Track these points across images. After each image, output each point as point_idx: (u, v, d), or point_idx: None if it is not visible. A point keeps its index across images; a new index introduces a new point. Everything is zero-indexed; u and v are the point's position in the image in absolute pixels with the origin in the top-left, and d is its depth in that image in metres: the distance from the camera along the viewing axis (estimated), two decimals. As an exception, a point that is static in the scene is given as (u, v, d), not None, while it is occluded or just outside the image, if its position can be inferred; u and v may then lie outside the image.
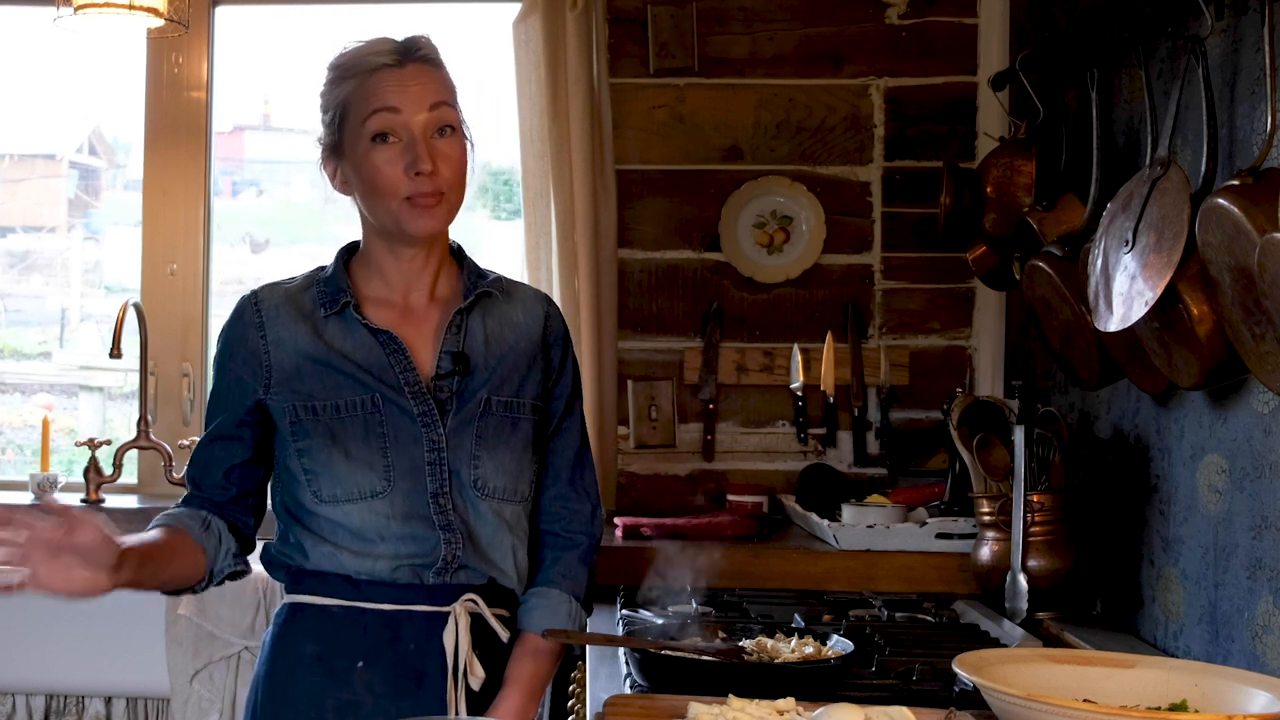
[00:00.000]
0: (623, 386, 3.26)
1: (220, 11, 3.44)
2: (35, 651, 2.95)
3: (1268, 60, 1.73)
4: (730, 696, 1.66)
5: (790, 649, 1.93)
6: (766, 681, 1.78)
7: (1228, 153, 1.97)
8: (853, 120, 3.27)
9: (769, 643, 1.96)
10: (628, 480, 3.27)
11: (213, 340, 2.14)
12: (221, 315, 2.01)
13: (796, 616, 2.33)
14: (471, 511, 1.92)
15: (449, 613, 1.90)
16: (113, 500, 3.34)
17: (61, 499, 3.29)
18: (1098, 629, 2.33)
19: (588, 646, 2.18)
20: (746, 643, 1.96)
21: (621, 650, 2.04)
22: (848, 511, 2.81)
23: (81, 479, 3.35)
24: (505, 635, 1.93)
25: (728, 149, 3.29)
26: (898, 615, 2.43)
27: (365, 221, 1.97)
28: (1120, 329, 1.99)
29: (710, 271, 3.29)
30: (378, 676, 1.89)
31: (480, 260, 2.05)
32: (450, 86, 1.93)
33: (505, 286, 2.03)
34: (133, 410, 3.54)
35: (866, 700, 1.71)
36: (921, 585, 2.69)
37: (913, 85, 3.26)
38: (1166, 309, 1.90)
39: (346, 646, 1.90)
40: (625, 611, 2.29)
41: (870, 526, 2.75)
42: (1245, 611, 1.93)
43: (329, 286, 1.96)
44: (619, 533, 2.88)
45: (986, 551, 2.53)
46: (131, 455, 3.41)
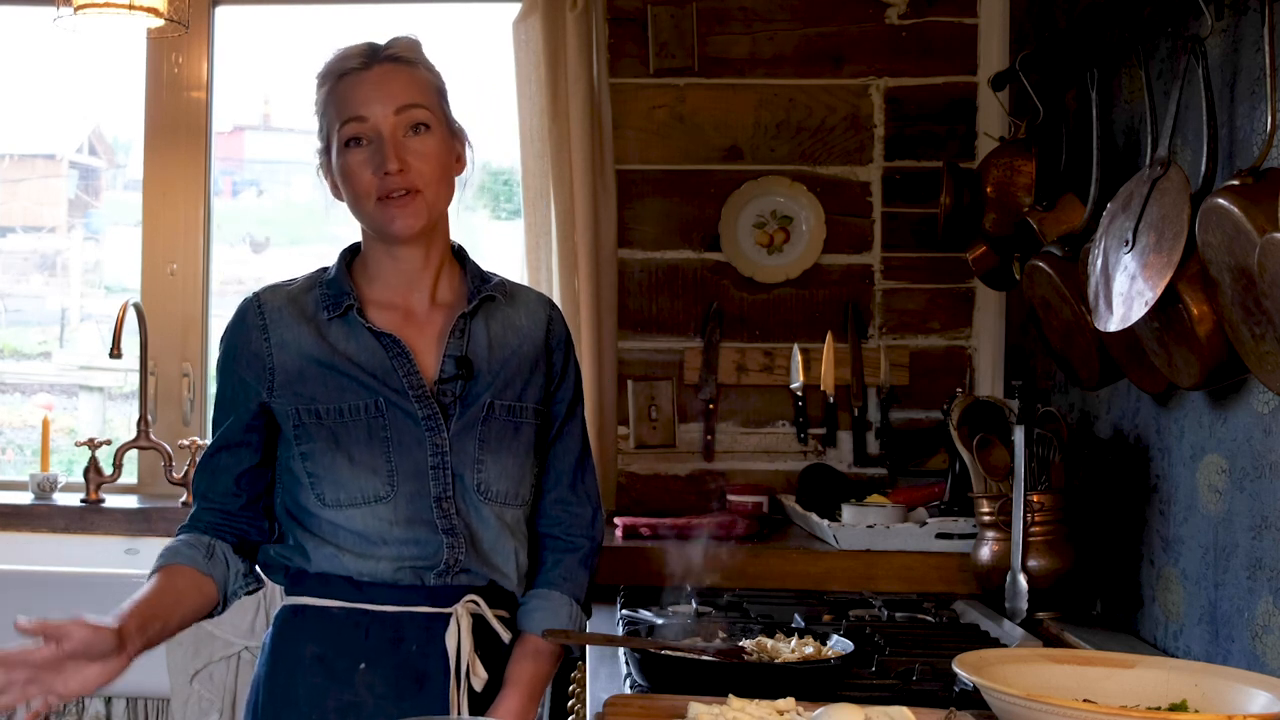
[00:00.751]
0: (623, 386, 3.26)
1: (220, 11, 3.44)
2: (35, 651, 2.94)
3: (1268, 60, 1.73)
4: (730, 696, 1.66)
5: (790, 649, 1.93)
6: (766, 681, 1.78)
7: (1228, 153, 1.97)
8: (853, 120, 3.27)
9: (769, 643, 1.96)
10: (628, 480, 3.27)
11: (213, 340, 2.14)
12: (221, 315, 2.01)
13: (796, 616, 2.33)
14: (474, 515, 1.92)
15: (451, 614, 1.90)
16: (113, 500, 3.34)
17: (61, 499, 3.32)
18: (1098, 629, 2.33)
19: (588, 646, 2.18)
20: (746, 643, 1.96)
21: (621, 650, 2.04)
22: (848, 511, 2.81)
23: (81, 479, 3.35)
24: (507, 636, 1.93)
25: (728, 149, 3.29)
26: (898, 615, 2.43)
27: (362, 227, 1.98)
28: (1120, 329, 1.99)
29: (710, 271, 3.29)
30: (379, 678, 1.89)
31: (480, 260, 2.05)
32: (425, 84, 1.93)
33: (509, 290, 2.03)
34: (133, 410, 3.54)
35: (866, 700, 1.71)
36: (921, 585, 2.69)
37: (913, 85, 3.26)
38: (1166, 309, 1.90)
39: (348, 648, 1.90)
40: (625, 611, 2.29)
41: (870, 526, 2.75)
42: (1245, 611, 1.93)
43: (332, 289, 1.95)
44: (619, 533, 2.88)
45: (986, 551, 2.53)
46: (131, 455, 3.41)
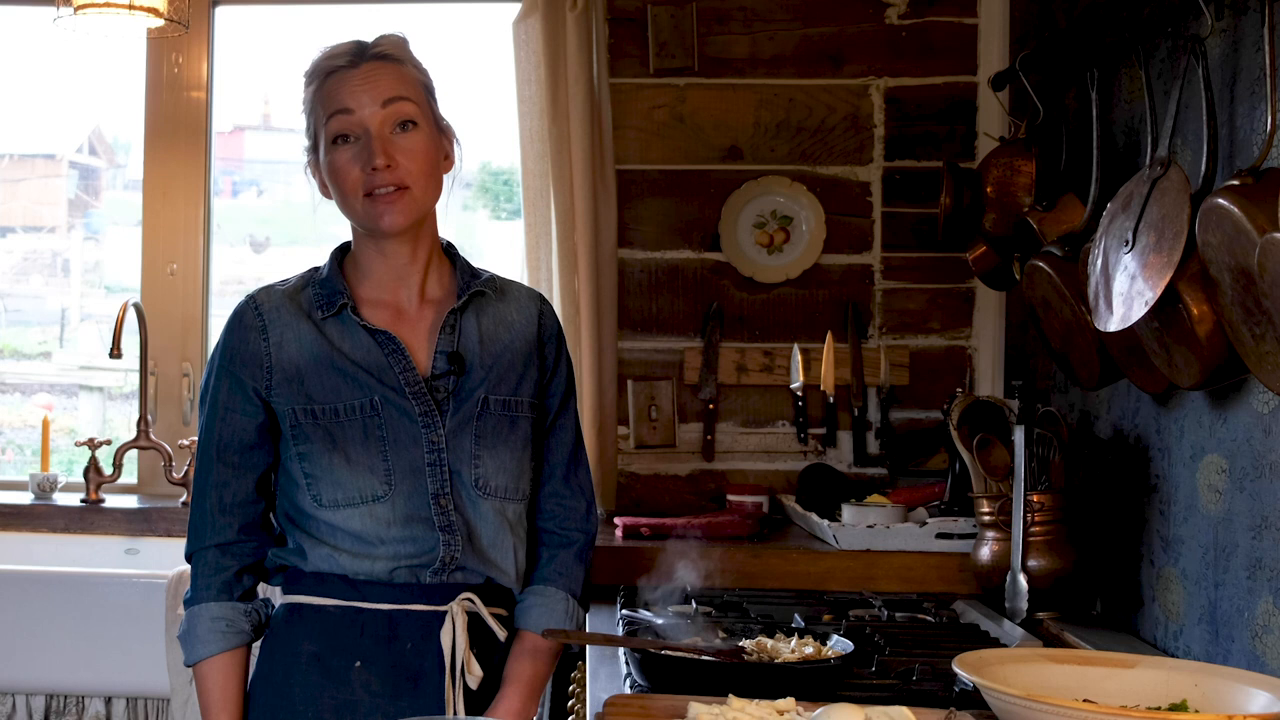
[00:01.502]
0: (623, 386, 3.26)
1: (220, 11, 3.44)
2: (35, 651, 2.94)
3: (1268, 60, 1.73)
4: (730, 696, 1.66)
5: (790, 649, 1.93)
6: (766, 681, 1.78)
7: (1228, 153, 1.97)
8: (853, 120, 3.27)
9: (769, 643, 1.96)
10: (628, 480, 3.27)
11: (213, 340, 2.13)
12: (222, 315, 2.00)
13: (796, 616, 2.33)
14: (473, 511, 1.92)
15: (446, 612, 1.90)
16: (113, 500, 3.34)
17: (61, 499, 3.32)
18: (1098, 629, 2.33)
19: (588, 646, 2.18)
20: (746, 643, 1.96)
21: (621, 650, 2.04)
22: (848, 511, 2.81)
23: (81, 479, 3.36)
24: (503, 635, 1.93)
25: (728, 149, 3.29)
26: (898, 615, 2.43)
27: (352, 225, 1.98)
28: (1120, 329, 1.99)
29: (710, 271, 3.29)
30: (375, 676, 1.89)
31: (480, 260, 2.05)
32: (412, 81, 1.93)
33: (499, 285, 2.03)
34: (133, 410, 3.54)
35: (866, 700, 1.71)
36: (921, 585, 2.69)
37: (913, 85, 3.26)
38: (1166, 309, 1.90)
39: (344, 646, 1.90)
40: (625, 611, 2.29)
41: (870, 526, 2.75)
42: (1245, 611, 1.93)
43: (325, 288, 1.95)
44: (619, 533, 2.88)
45: (986, 551, 2.53)
46: (131, 455, 3.41)
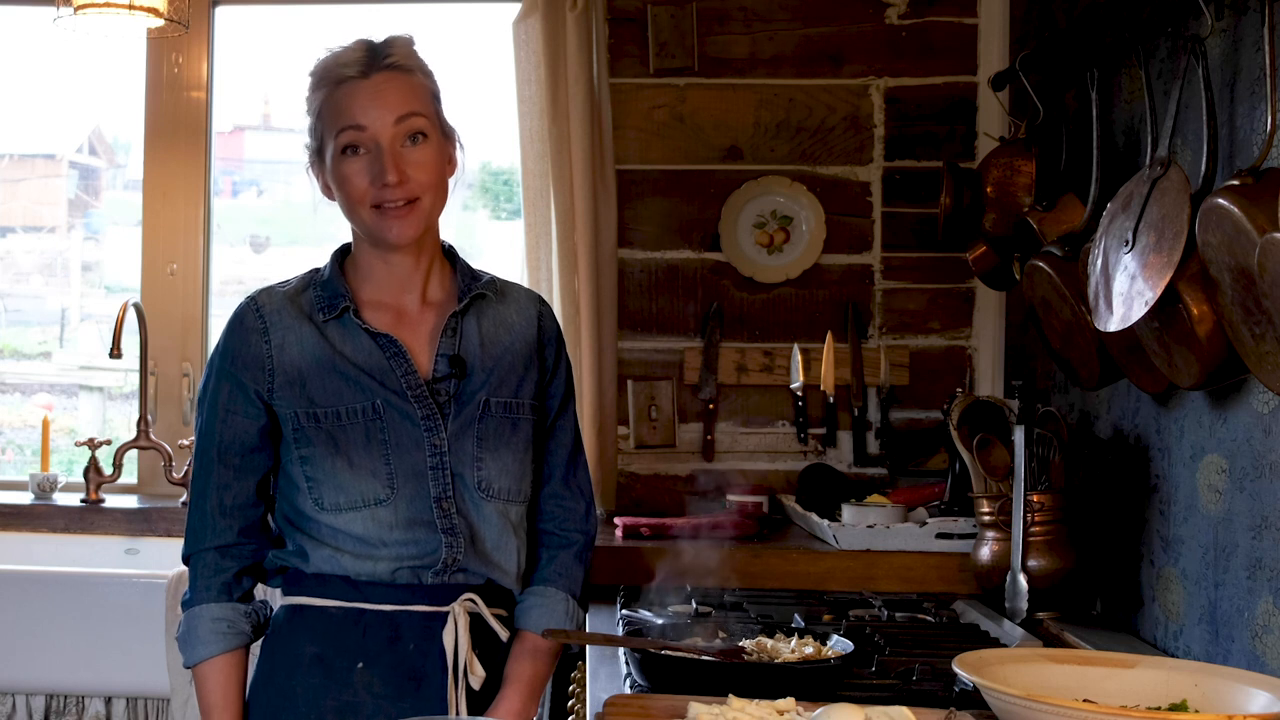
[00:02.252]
0: (623, 386, 3.26)
1: (220, 11, 3.44)
2: (35, 651, 2.94)
3: (1268, 60, 1.73)
4: (730, 696, 1.66)
5: (790, 649, 1.93)
6: (766, 681, 1.78)
7: (1228, 153, 1.97)
8: (853, 120, 3.27)
9: (769, 643, 1.96)
10: (628, 480, 3.27)
11: (213, 340, 2.13)
12: (222, 315, 2.00)
13: (796, 616, 2.33)
14: (476, 514, 1.92)
15: (448, 612, 1.90)
16: (113, 500, 3.34)
17: (61, 499, 3.32)
18: (1098, 629, 2.33)
19: (588, 646, 2.18)
20: (746, 643, 1.96)
21: (621, 650, 2.04)
22: (848, 511, 2.81)
23: (81, 479, 3.35)
24: (505, 635, 1.93)
25: (728, 149, 3.29)
26: (898, 615, 2.43)
27: (353, 228, 1.98)
28: (1120, 329, 1.99)
29: (710, 271, 3.29)
30: (377, 677, 1.89)
31: (480, 260, 2.05)
32: (423, 91, 1.92)
33: (499, 287, 2.03)
34: (133, 410, 3.54)
35: (866, 700, 1.71)
36: (921, 585, 2.69)
37: (913, 85, 3.26)
38: (1166, 309, 1.90)
39: (346, 647, 1.90)
40: (625, 611, 2.29)
41: (870, 526, 2.75)
42: (1245, 611, 1.93)
43: (326, 290, 1.95)
44: (619, 533, 2.88)
45: (986, 551, 2.53)
46: (131, 455, 3.41)
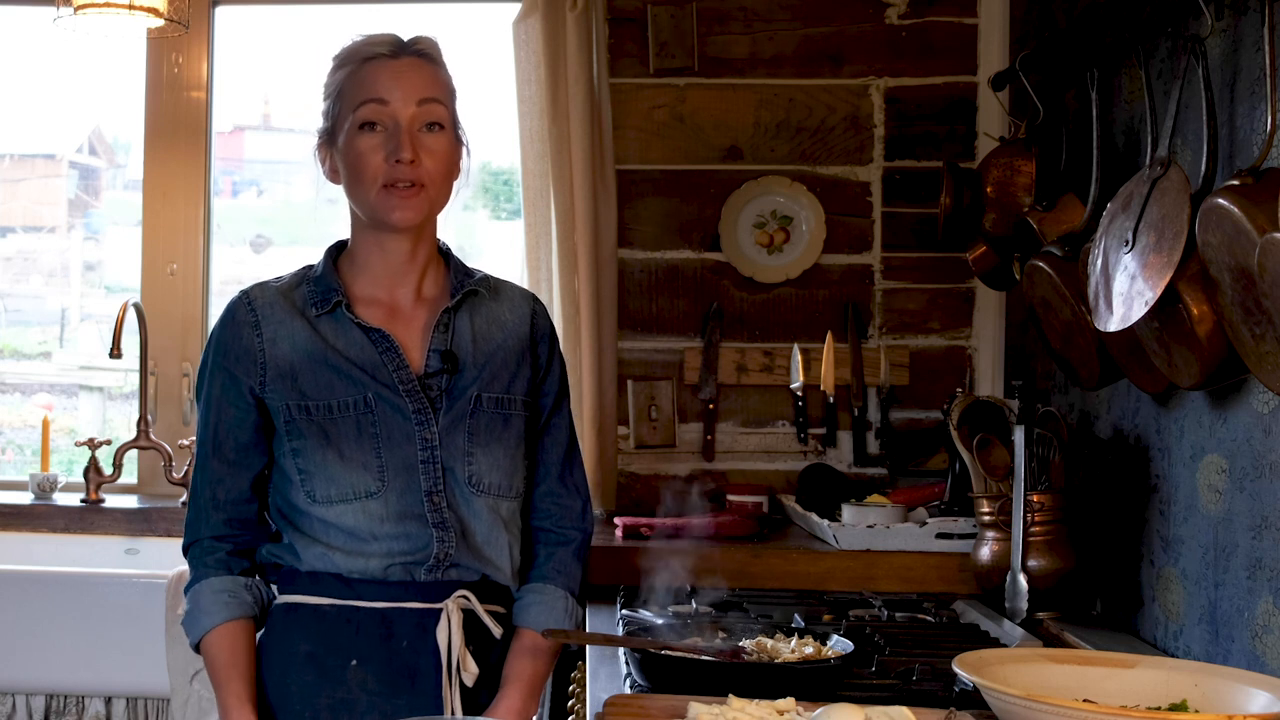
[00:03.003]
0: (623, 386, 3.26)
1: (220, 11, 3.44)
2: (35, 651, 2.94)
3: (1268, 60, 1.73)
4: (730, 696, 1.66)
5: (790, 649, 1.93)
6: (766, 681, 1.78)
7: (1228, 153, 1.97)
8: (853, 120, 3.27)
9: (769, 643, 1.96)
10: (628, 480, 3.27)
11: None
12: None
13: (796, 616, 2.33)
14: (466, 508, 1.92)
15: (441, 609, 1.90)
16: (113, 500, 3.34)
17: (61, 499, 3.32)
18: (1098, 629, 2.33)
19: (588, 646, 2.18)
20: (746, 643, 1.96)
21: (621, 650, 2.04)
22: (848, 511, 2.81)
23: (81, 479, 3.35)
24: (498, 631, 1.93)
25: (728, 149, 3.28)
26: (898, 615, 2.43)
27: (353, 214, 1.98)
28: (1120, 329, 1.99)
29: (710, 271, 3.29)
30: (371, 674, 1.90)
31: (480, 260, 2.06)
32: (444, 85, 1.94)
33: (493, 285, 2.04)
34: (133, 410, 3.54)
35: (866, 700, 1.71)
36: (921, 585, 2.69)
37: (913, 85, 3.26)
38: (1166, 309, 1.90)
39: (339, 645, 1.90)
40: (625, 611, 2.29)
41: (870, 526, 2.75)
42: (1245, 611, 1.93)
43: (319, 285, 1.96)
44: (619, 533, 2.88)
45: (986, 551, 2.53)
46: (131, 455, 3.41)
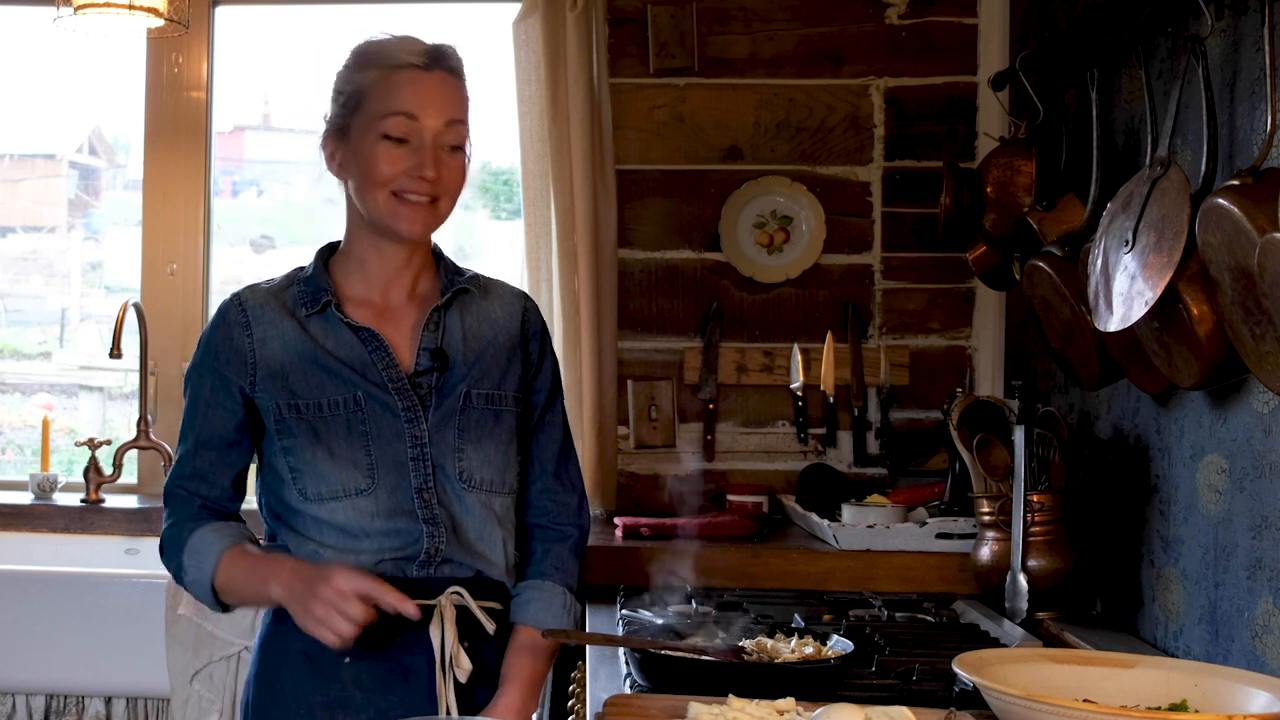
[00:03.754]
0: (623, 386, 3.26)
1: (220, 11, 3.44)
2: (35, 651, 2.94)
3: (1268, 60, 1.73)
4: (730, 696, 1.66)
5: (790, 649, 1.93)
6: (766, 681, 1.78)
7: (1228, 153, 1.97)
8: (853, 120, 3.27)
9: (769, 643, 1.96)
10: (628, 480, 3.27)
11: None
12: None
13: (796, 616, 2.33)
14: (458, 504, 1.93)
15: (434, 606, 1.91)
16: (113, 500, 3.34)
17: (61, 499, 3.32)
18: (1098, 629, 2.33)
19: (588, 646, 2.18)
20: (746, 643, 1.96)
21: (621, 650, 2.04)
22: (848, 511, 2.81)
23: (81, 479, 3.36)
24: (491, 627, 1.93)
25: (728, 149, 3.28)
26: (898, 615, 2.43)
27: (353, 214, 1.98)
28: (1120, 329, 1.99)
29: (710, 271, 3.29)
30: (365, 672, 1.90)
31: (480, 260, 2.07)
32: (467, 102, 1.96)
33: (483, 283, 2.06)
34: (133, 410, 3.54)
35: (866, 700, 1.71)
36: (921, 585, 2.69)
37: (913, 85, 3.26)
38: (1166, 309, 1.90)
39: None
40: (625, 611, 2.29)
41: (870, 526, 2.75)
42: (1245, 611, 1.93)
43: (309, 286, 1.97)
44: (619, 533, 2.88)
45: (986, 551, 2.53)
46: (131, 455, 3.41)
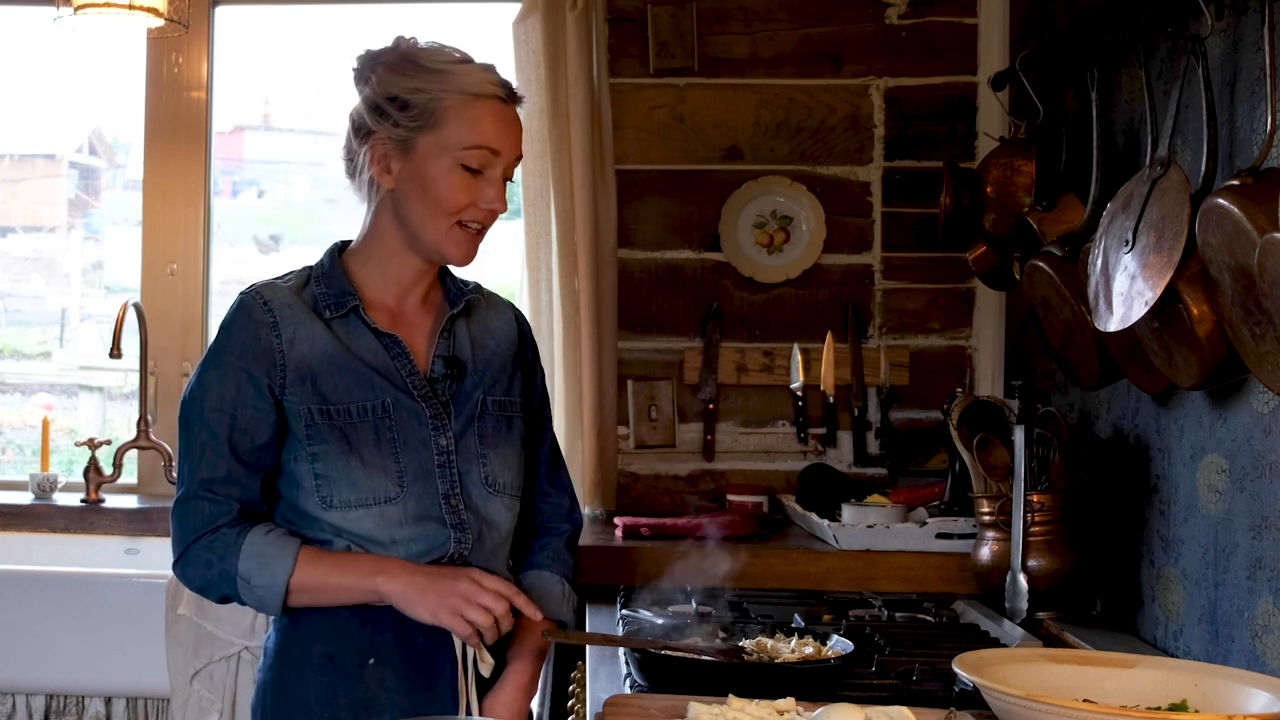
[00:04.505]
0: (623, 386, 3.26)
1: (220, 11, 3.44)
2: (35, 651, 2.94)
3: (1268, 60, 1.73)
4: (730, 696, 1.66)
5: (790, 649, 1.93)
6: (766, 681, 1.78)
7: (1228, 153, 1.97)
8: (853, 120, 3.27)
9: (769, 643, 1.96)
10: (628, 480, 3.27)
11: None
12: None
13: (796, 616, 2.33)
14: (485, 509, 1.96)
15: None
16: (113, 500, 3.34)
17: (61, 499, 3.32)
18: (1098, 629, 2.33)
19: (587, 646, 2.18)
20: (746, 643, 1.96)
21: (621, 650, 2.04)
22: (848, 511, 2.81)
23: (81, 479, 3.36)
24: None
25: (728, 149, 3.28)
26: (898, 615, 2.43)
27: (385, 222, 1.96)
28: (1120, 329, 1.99)
29: (710, 271, 3.29)
30: (389, 672, 1.91)
31: (481, 260, 2.08)
32: None
33: (485, 294, 2.11)
34: (133, 410, 3.54)
35: (866, 700, 1.71)
36: (921, 585, 2.69)
37: (913, 85, 3.26)
38: (1166, 309, 1.90)
39: (355, 645, 1.91)
40: (625, 611, 2.29)
41: (870, 526, 2.75)
42: (1245, 611, 1.93)
43: (331, 287, 1.96)
44: (619, 533, 2.88)
45: (986, 551, 2.53)
46: (131, 455, 3.41)
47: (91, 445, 3.36)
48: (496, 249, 3.78)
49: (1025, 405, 2.45)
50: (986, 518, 2.53)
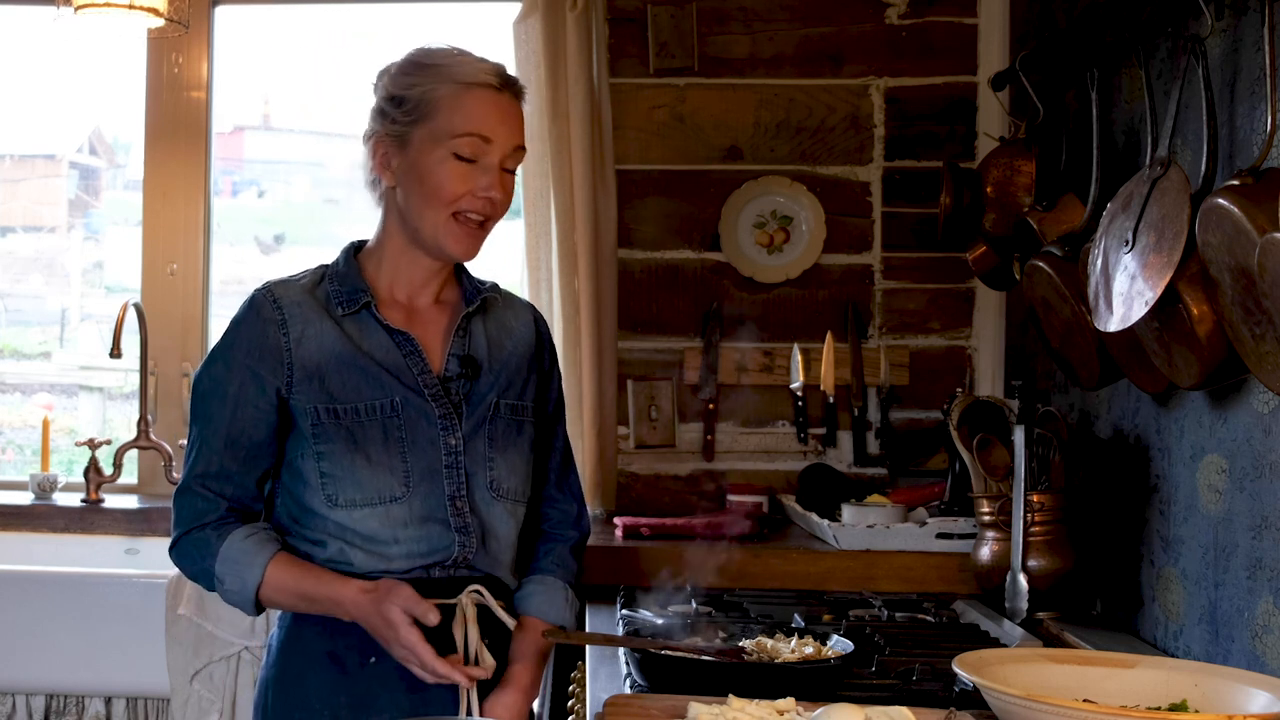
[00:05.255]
0: (623, 386, 3.26)
1: (220, 11, 3.44)
2: (35, 651, 2.94)
3: (1268, 60, 1.73)
4: (730, 696, 1.66)
5: (790, 649, 1.93)
6: (766, 681, 1.78)
7: (1228, 153, 1.97)
8: (853, 120, 3.27)
9: (769, 643, 1.96)
10: (628, 480, 3.27)
11: (214, 340, 2.13)
12: (222, 315, 1.99)
13: (796, 616, 2.33)
14: (488, 513, 1.95)
15: (455, 604, 1.91)
16: (113, 500, 3.34)
17: (61, 499, 3.32)
18: (1098, 629, 2.33)
19: (587, 646, 2.18)
20: (746, 643, 1.96)
21: (621, 650, 2.04)
22: (848, 511, 2.81)
23: (81, 479, 3.36)
24: (512, 624, 1.95)
25: (728, 149, 3.28)
26: (898, 615, 2.43)
27: (392, 219, 1.97)
28: (1120, 329, 1.99)
29: (710, 271, 3.29)
30: (390, 671, 1.90)
31: (481, 260, 2.07)
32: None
33: (502, 293, 2.08)
34: (133, 410, 3.54)
35: (866, 700, 1.71)
36: (921, 585, 2.69)
37: (913, 85, 3.26)
38: (1166, 309, 1.90)
39: (357, 643, 1.91)
40: (625, 611, 2.29)
41: (870, 526, 2.75)
42: (1245, 611, 1.93)
43: (344, 285, 1.96)
44: (619, 533, 2.88)
45: (986, 551, 2.53)
46: (131, 455, 3.41)
47: (91, 445, 3.36)
48: (497, 249, 3.78)
49: (1025, 405, 2.45)
50: (986, 518, 2.53)
